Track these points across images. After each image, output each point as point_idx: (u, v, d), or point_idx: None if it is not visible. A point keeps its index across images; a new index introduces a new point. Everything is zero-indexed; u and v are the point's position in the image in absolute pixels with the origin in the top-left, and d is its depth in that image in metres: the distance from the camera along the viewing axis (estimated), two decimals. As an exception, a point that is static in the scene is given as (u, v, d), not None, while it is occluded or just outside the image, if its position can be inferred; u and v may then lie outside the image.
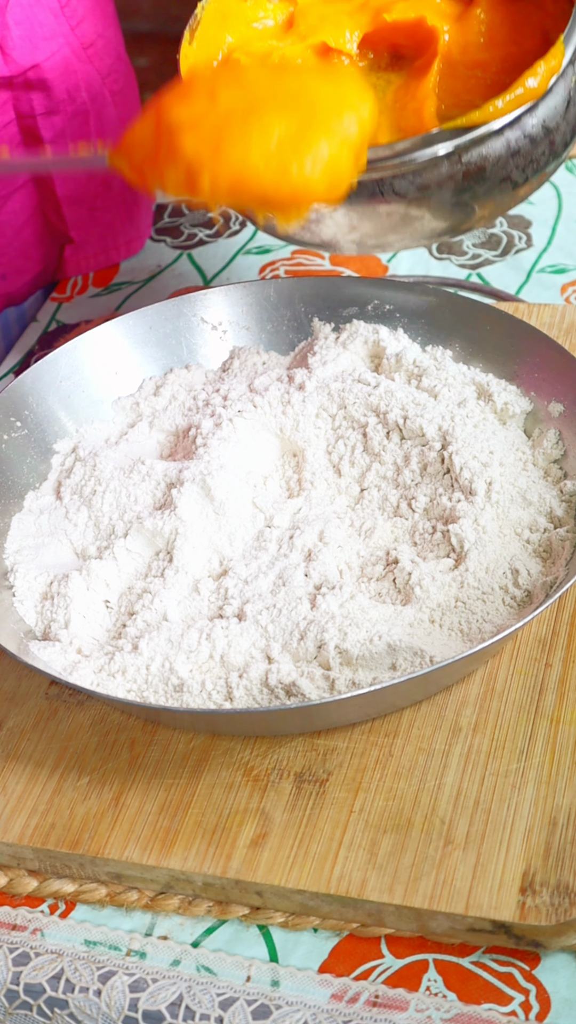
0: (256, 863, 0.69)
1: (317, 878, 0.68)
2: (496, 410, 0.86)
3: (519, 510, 0.79)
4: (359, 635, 0.73)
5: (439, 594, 0.76)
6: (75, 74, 1.08)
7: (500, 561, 0.77)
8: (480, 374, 0.88)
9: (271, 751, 0.74)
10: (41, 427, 0.89)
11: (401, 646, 0.72)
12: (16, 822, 0.73)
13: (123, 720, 0.77)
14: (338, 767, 0.72)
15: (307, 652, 0.73)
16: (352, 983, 0.66)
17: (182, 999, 0.67)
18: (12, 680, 0.80)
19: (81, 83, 1.09)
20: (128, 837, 0.71)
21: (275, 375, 0.90)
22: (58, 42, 1.06)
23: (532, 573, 0.76)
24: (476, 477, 0.80)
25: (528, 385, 0.87)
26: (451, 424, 0.83)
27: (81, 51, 1.08)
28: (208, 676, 0.73)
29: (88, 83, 1.10)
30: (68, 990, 0.68)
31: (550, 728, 0.73)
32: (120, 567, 0.80)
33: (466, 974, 0.66)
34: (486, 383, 0.87)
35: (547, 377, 0.85)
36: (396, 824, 0.69)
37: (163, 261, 1.20)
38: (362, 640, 0.73)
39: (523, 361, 0.87)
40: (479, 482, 0.79)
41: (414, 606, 0.75)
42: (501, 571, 0.77)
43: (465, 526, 0.78)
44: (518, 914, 0.65)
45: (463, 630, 0.75)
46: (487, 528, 0.78)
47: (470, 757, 0.72)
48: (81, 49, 1.08)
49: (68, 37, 1.07)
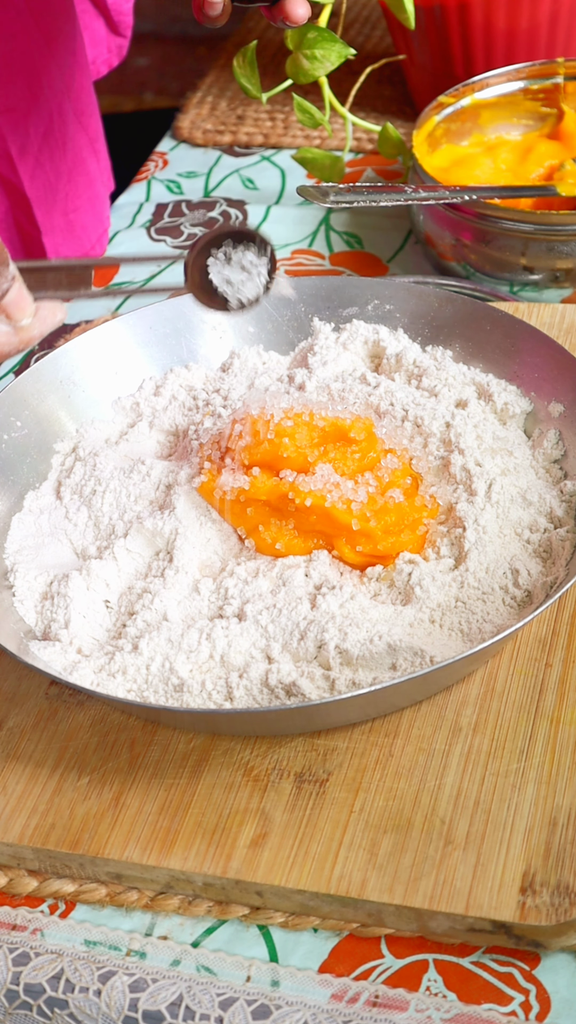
0: (256, 863, 0.69)
1: (317, 878, 0.68)
2: (496, 410, 0.86)
3: (519, 510, 0.80)
4: (359, 635, 0.73)
5: (439, 594, 0.76)
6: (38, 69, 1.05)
7: (500, 561, 0.77)
8: (480, 374, 0.88)
9: (271, 751, 0.74)
10: (41, 427, 0.89)
11: (401, 646, 0.72)
12: (16, 822, 0.73)
13: (123, 720, 0.77)
14: (338, 767, 0.72)
15: (307, 652, 0.73)
16: (352, 983, 0.66)
17: (182, 999, 0.67)
18: (12, 680, 0.80)
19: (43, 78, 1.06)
20: (128, 837, 0.71)
21: (275, 375, 0.90)
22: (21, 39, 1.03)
23: (532, 573, 0.76)
24: (476, 477, 0.80)
25: (528, 385, 0.87)
26: (451, 424, 0.83)
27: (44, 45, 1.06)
28: (208, 676, 0.73)
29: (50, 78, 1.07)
30: (68, 990, 0.68)
31: (550, 728, 0.73)
32: (120, 567, 0.80)
33: (466, 974, 0.66)
34: (486, 383, 0.87)
35: (547, 377, 0.85)
36: (396, 824, 0.69)
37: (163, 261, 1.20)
38: (362, 640, 0.73)
39: (523, 361, 0.87)
40: (479, 482, 0.79)
41: (414, 606, 0.75)
42: (501, 571, 0.77)
43: (466, 526, 0.78)
44: (518, 914, 0.65)
45: (463, 630, 0.75)
46: (487, 528, 0.78)
47: (470, 757, 0.72)
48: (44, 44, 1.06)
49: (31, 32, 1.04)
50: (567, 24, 1.25)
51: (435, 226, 1.10)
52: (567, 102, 1.19)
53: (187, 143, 1.37)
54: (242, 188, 1.28)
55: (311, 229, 1.21)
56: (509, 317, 0.88)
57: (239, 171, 1.31)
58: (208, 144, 1.36)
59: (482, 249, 1.07)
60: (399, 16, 1.19)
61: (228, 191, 1.28)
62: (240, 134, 1.36)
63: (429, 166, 1.12)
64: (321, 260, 1.17)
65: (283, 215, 1.23)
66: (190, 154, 1.35)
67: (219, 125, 1.38)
